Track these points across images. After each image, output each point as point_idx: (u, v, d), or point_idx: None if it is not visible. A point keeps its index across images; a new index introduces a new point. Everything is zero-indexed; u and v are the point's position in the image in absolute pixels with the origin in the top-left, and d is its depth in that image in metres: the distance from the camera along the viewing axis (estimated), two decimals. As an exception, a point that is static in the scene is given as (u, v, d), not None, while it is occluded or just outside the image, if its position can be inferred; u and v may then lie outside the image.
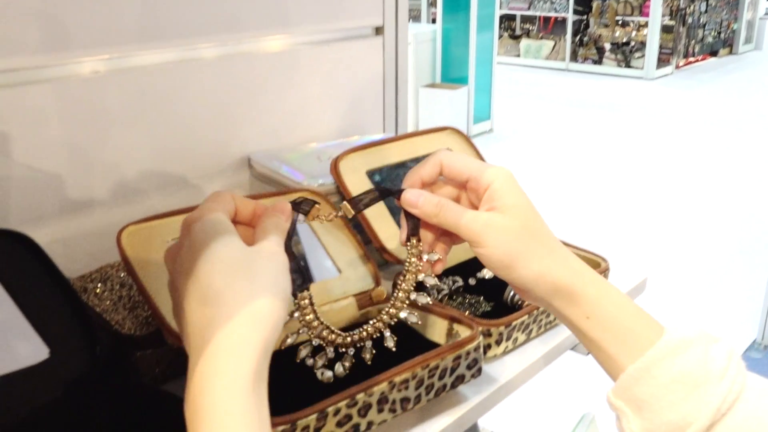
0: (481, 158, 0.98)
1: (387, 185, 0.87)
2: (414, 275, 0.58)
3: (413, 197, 0.56)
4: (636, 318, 0.52)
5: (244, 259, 0.45)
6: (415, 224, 0.57)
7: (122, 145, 0.86)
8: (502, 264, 0.53)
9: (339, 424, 0.56)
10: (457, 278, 0.86)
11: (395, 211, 0.82)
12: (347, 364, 0.59)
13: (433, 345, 0.68)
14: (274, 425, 0.52)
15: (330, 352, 0.58)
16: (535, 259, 0.53)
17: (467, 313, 0.81)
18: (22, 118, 0.77)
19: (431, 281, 0.59)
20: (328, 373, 0.59)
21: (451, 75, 5.63)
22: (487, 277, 0.85)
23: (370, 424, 0.58)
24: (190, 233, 0.47)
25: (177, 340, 0.61)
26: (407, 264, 0.58)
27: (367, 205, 0.58)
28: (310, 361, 0.59)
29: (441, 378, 0.63)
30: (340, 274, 0.76)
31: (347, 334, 0.58)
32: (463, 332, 0.67)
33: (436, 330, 0.70)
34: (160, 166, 0.91)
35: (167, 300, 0.63)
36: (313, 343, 0.57)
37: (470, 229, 0.54)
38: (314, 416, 0.54)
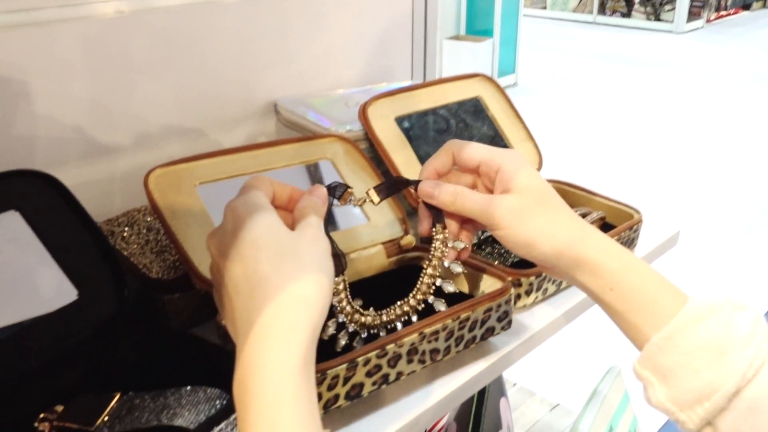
0: (512, 106, 0.95)
1: (416, 132, 0.85)
2: (440, 260, 0.60)
3: (429, 188, 0.59)
4: (660, 287, 0.52)
5: (289, 243, 0.46)
6: (438, 212, 0.59)
7: (146, 89, 0.84)
8: (523, 243, 0.55)
9: (368, 374, 0.56)
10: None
11: (424, 161, 0.81)
12: None
13: (462, 295, 0.67)
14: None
15: (363, 332, 0.59)
16: (554, 235, 0.54)
17: (496, 263, 0.79)
18: (45, 57, 0.75)
19: (457, 268, 0.61)
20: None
21: (476, 27, 5.51)
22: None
23: (399, 374, 0.58)
24: (233, 210, 0.47)
25: (205, 285, 0.61)
26: (433, 249, 0.60)
27: (391, 194, 0.61)
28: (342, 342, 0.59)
29: (471, 330, 0.62)
30: (369, 222, 0.75)
31: (377, 314, 0.59)
32: (494, 283, 0.66)
33: (466, 280, 0.69)
34: (185, 111, 0.89)
35: (195, 244, 0.62)
36: (349, 329, 0.58)
37: (487, 213, 0.55)
38: (344, 366, 0.54)
